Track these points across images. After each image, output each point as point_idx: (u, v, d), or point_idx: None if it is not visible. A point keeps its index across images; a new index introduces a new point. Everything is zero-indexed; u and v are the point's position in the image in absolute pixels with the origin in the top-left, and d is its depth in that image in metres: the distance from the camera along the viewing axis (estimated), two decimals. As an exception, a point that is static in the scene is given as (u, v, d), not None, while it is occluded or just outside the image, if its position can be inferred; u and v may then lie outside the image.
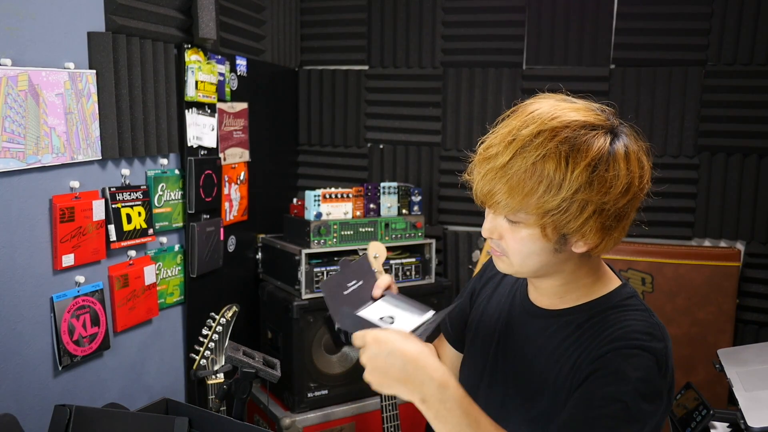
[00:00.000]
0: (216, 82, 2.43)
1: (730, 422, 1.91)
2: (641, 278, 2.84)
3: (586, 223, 0.99)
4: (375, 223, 2.74)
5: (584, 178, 0.96)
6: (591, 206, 0.98)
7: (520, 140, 0.99)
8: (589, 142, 0.98)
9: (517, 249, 1.05)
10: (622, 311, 1.08)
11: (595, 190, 0.97)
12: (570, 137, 0.97)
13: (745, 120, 2.78)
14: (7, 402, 1.65)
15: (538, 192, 0.97)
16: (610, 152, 0.99)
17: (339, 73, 3.27)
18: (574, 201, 0.97)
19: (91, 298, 1.89)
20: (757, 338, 2.78)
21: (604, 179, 0.97)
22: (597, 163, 0.97)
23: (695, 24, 2.80)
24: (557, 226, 1.00)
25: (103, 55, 1.89)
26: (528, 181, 0.98)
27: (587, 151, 0.97)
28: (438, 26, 3.10)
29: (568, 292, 1.12)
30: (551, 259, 1.06)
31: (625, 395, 0.99)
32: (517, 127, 1.02)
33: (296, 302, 2.55)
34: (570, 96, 1.10)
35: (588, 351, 1.05)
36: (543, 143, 0.97)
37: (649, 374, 1.01)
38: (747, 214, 2.83)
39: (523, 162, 0.98)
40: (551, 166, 0.96)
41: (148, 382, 2.21)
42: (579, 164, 0.96)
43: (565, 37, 2.96)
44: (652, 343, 1.03)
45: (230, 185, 2.62)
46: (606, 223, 1.01)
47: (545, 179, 0.97)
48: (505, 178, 0.99)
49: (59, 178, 1.78)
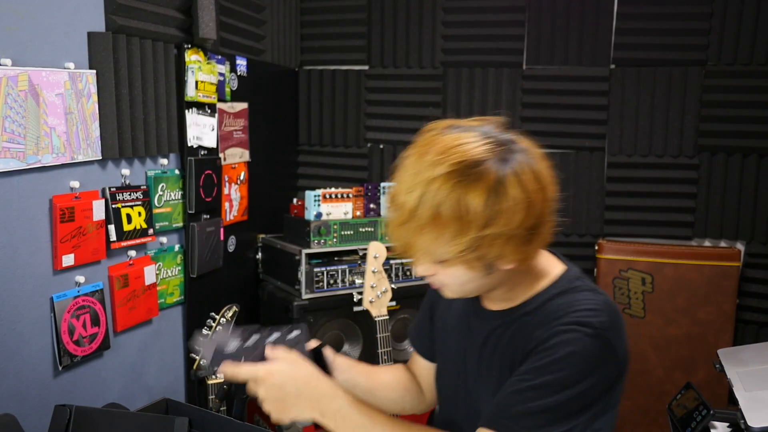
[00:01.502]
0: (216, 82, 2.43)
1: (730, 422, 1.91)
2: (641, 278, 2.84)
3: (502, 249, 1.02)
4: (375, 223, 2.74)
5: (483, 217, 0.98)
6: (500, 238, 1.00)
7: (413, 195, 1.01)
8: (476, 182, 0.99)
9: (451, 282, 1.10)
10: (568, 295, 1.11)
11: (498, 223, 0.99)
12: (460, 181, 0.98)
13: (745, 120, 2.79)
14: (7, 402, 1.65)
15: (446, 238, 1.00)
16: (500, 183, 0.99)
17: (339, 73, 3.27)
18: (482, 237, 0.99)
19: (91, 298, 1.89)
20: (757, 338, 2.78)
21: (501, 211, 0.99)
22: (489, 200, 0.98)
23: (695, 24, 2.81)
24: (477, 259, 1.03)
25: (103, 55, 1.89)
26: (433, 232, 1.00)
27: (477, 190, 0.98)
28: (438, 26, 3.11)
29: (515, 294, 1.16)
30: (486, 281, 1.10)
31: (554, 368, 1.02)
32: (409, 184, 1.03)
33: (296, 302, 2.55)
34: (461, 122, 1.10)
35: (536, 337, 1.08)
36: (437, 194, 0.99)
37: (584, 347, 1.02)
38: (747, 214, 2.83)
39: (424, 215, 1.00)
40: (449, 213, 0.98)
41: (148, 382, 2.21)
42: (473, 207, 0.98)
43: (565, 37, 2.97)
44: (592, 318, 1.05)
45: (230, 185, 2.62)
46: (523, 242, 1.03)
47: (448, 227, 0.99)
48: (412, 234, 1.03)
49: (59, 178, 1.78)
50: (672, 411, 2.09)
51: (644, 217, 2.97)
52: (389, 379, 1.43)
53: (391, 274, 2.73)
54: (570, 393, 1.01)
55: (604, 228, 3.02)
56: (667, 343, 2.82)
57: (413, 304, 2.78)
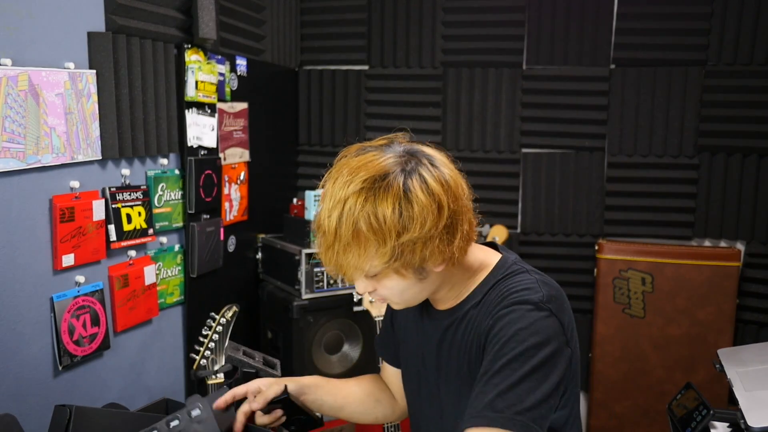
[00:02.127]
0: (216, 82, 2.43)
1: (730, 422, 1.91)
2: (641, 278, 2.84)
3: (424, 253, 1.06)
4: (375, 223, 2.73)
5: (397, 225, 1.03)
6: (419, 242, 1.05)
7: (332, 220, 1.06)
8: (385, 193, 1.04)
9: (390, 292, 1.14)
10: (506, 279, 1.16)
11: (412, 229, 1.04)
12: (370, 196, 1.04)
13: (745, 120, 2.79)
14: (7, 402, 1.65)
15: (370, 252, 1.05)
16: (407, 191, 1.04)
17: (339, 73, 3.27)
18: (402, 245, 1.04)
19: (91, 298, 1.89)
20: (757, 338, 2.78)
21: (413, 218, 1.04)
22: (399, 208, 1.03)
23: (695, 24, 2.81)
24: (404, 266, 1.07)
25: (103, 55, 1.89)
26: (357, 248, 1.05)
27: (386, 201, 1.04)
28: (438, 26, 3.11)
29: (458, 291, 1.21)
30: (423, 285, 1.14)
31: (509, 349, 1.05)
32: (328, 208, 1.08)
33: (296, 302, 2.56)
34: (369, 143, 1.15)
35: (484, 328, 1.12)
36: (352, 211, 1.04)
37: (529, 321, 1.06)
38: (747, 214, 2.83)
39: (345, 234, 1.05)
40: (366, 227, 1.04)
41: (148, 382, 2.21)
42: (386, 217, 1.03)
43: (565, 37, 2.97)
44: (529, 295, 1.09)
45: (230, 185, 2.62)
46: (443, 243, 1.07)
47: (369, 240, 1.04)
48: (340, 254, 1.07)
49: (59, 178, 1.78)
50: (672, 411, 2.09)
51: (644, 217, 2.97)
52: (357, 392, 1.46)
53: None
54: (533, 363, 1.04)
55: (604, 228, 3.03)
56: (667, 343, 2.82)
57: (413, 304, 2.78)
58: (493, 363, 1.06)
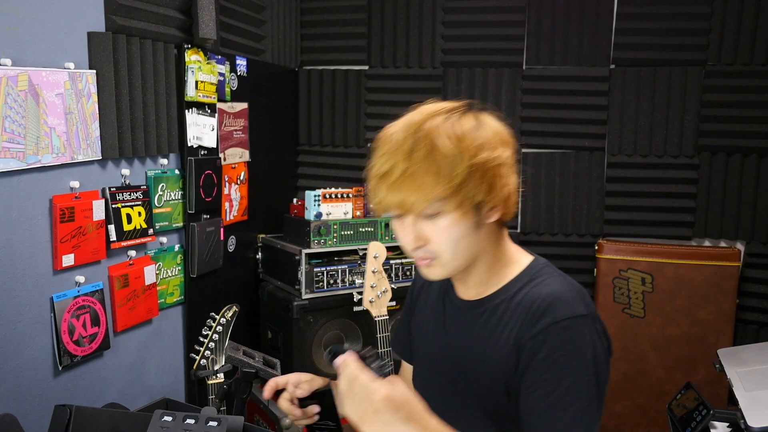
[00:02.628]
0: (216, 82, 2.43)
1: (730, 422, 1.91)
2: (641, 278, 2.84)
3: (490, 183, 1.08)
4: (375, 223, 2.74)
5: (473, 143, 1.07)
6: (488, 168, 1.08)
7: (406, 143, 1.08)
8: (458, 117, 1.11)
9: (446, 240, 1.10)
10: (542, 280, 1.15)
11: (487, 149, 1.08)
12: (447, 118, 1.10)
13: (745, 120, 2.79)
14: (7, 402, 1.65)
15: (443, 172, 1.05)
16: (479, 117, 1.12)
17: (339, 73, 3.27)
18: (472, 168, 1.06)
19: (91, 298, 1.89)
20: (757, 338, 2.78)
21: (488, 139, 1.09)
22: (472, 129, 1.09)
23: (695, 24, 2.81)
24: (468, 198, 1.07)
25: (103, 55, 1.89)
26: (431, 168, 1.06)
27: (460, 123, 1.09)
28: (438, 26, 3.11)
29: (491, 277, 1.19)
30: (474, 238, 1.12)
31: (569, 370, 1.04)
32: (395, 140, 1.11)
33: (296, 302, 2.56)
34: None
35: (525, 328, 1.10)
36: (425, 135, 1.07)
37: (583, 339, 1.07)
38: (747, 214, 2.83)
39: (418, 156, 1.06)
40: (442, 145, 1.06)
41: (148, 382, 2.21)
42: (464, 134, 1.08)
43: (565, 37, 2.97)
44: (580, 307, 1.09)
45: (230, 185, 2.62)
46: (503, 180, 1.10)
47: (443, 160, 1.05)
48: (410, 178, 1.06)
49: (59, 178, 1.78)
50: (672, 411, 2.09)
51: (644, 217, 2.97)
52: None
53: (391, 274, 2.73)
54: (590, 378, 1.05)
55: (604, 228, 3.02)
56: (667, 343, 2.82)
57: (413, 304, 2.79)
58: (558, 384, 1.04)
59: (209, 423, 1.26)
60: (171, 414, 1.27)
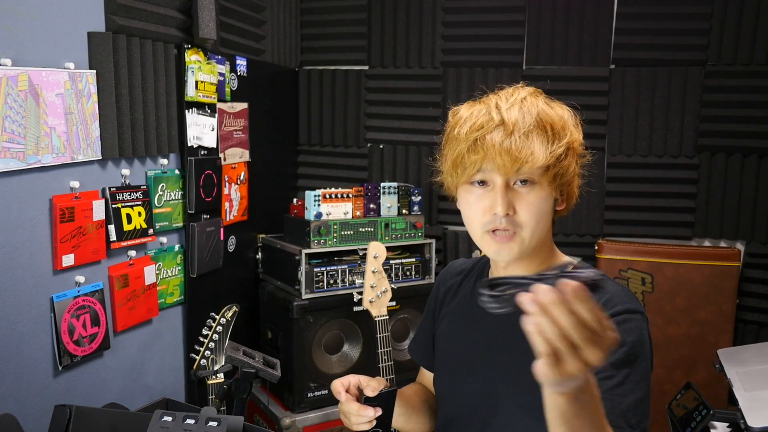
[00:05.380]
0: (216, 82, 2.43)
1: (730, 422, 1.91)
2: (641, 278, 2.84)
3: (572, 169, 1.14)
4: (375, 223, 2.74)
5: (569, 123, 1.14)
6: (572, 151, 1.13)
7: (514, 110, 1.12)
8: (554, 101, 1.18)
9: (532, 213, 1.12)
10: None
11: (578, 132, 1.16)
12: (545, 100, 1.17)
13: (745, 120, 2.78)
14: (7, 402, 1.65)
15: (551, 140, 1.10)
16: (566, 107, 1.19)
17: (339, 73, 3.27)
18: (568, 147, 1.12)
19: (91, 298, 1.89)
20: (757, 338, 2.78)
21: (576, 125, 1.16)
22: (569, 113, 1.16)
23: (695, 24, 2.80)
24: (557, 176, 1.12)
25: (103, 55, 1.89)
26: (541, 134, 1.10)
27: (558, 106, 1.17)
28: (438, 26, 3.11)
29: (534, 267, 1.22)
30: (548, 222, 1.18)
31: (630, 360, 1.05)
32: (505, 105, 1.15)
33: (296, 302, 2.55)
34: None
35: None
36: (533, 105, 1.13)
37: (641, 332, 1.09)
38: (747, 214, 2.83)
39: (528, 122, 1.10)
40: (547, 119, 1.11)
41: (148, 382, 2.21)
42: (563, 115, 1.14)
43: (565, 37, 2.97)
44: (637, 305, 1.12)
45: (230, 185, 2.62)
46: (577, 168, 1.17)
47: (553, 127, 1.11)
48: (524, 135, 1.09)
49: (59, 178, 1.78)
50: (672, 411, 2.09)
51: (644, 217, 2.97)
52: (417, 402, 1.43)
53: (391, 274, 2.73)
54: (646, 373, 1.08)
55: (604, 228, 3.02)
56: (667, 343, 2.82)
57: (413, 304, 2.78)
58: (617, 372, 1.04)
59: (209, 423, 1.26)
60: (171, 414, 1.27)
